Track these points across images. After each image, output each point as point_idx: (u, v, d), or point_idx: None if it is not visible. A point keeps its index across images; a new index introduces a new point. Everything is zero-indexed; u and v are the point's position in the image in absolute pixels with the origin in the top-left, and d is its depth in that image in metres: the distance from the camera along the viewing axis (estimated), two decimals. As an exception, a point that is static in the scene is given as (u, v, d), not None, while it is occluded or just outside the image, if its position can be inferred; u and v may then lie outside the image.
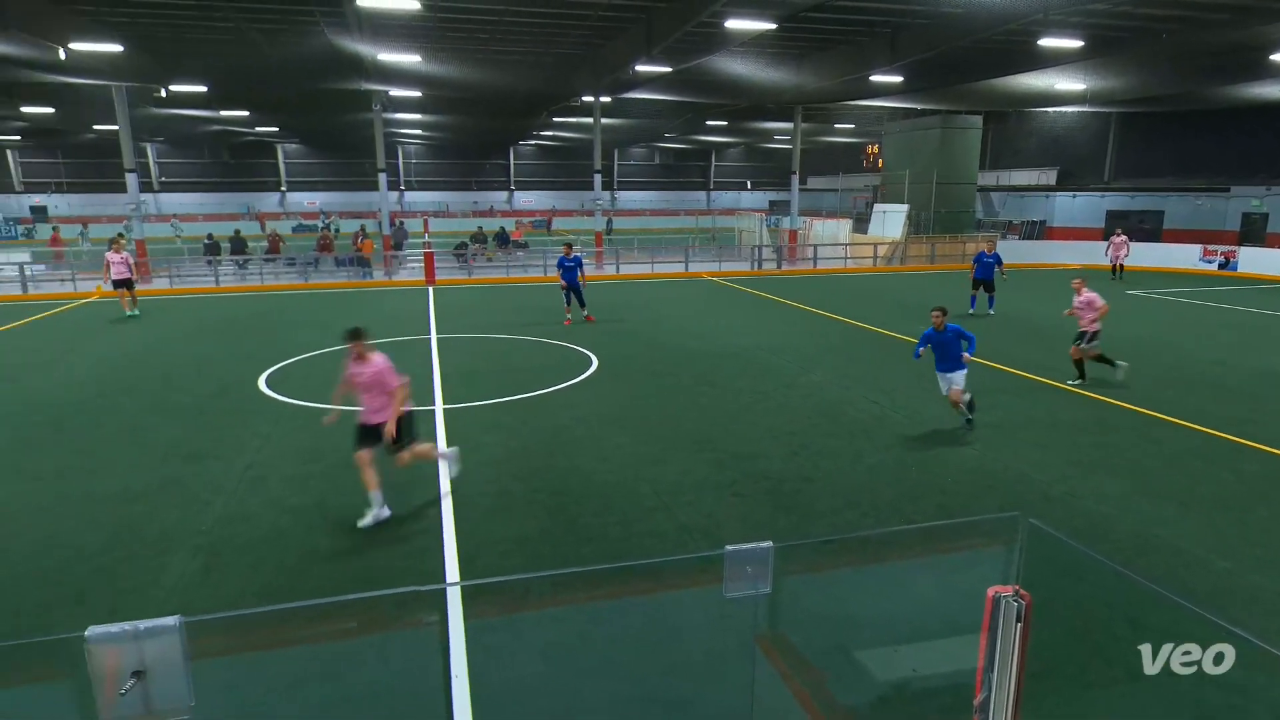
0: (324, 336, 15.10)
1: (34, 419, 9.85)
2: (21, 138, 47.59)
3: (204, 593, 5.58)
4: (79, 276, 23.63)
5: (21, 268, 23.07)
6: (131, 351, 14.17)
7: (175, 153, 56.66)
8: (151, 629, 2.24)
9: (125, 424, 9.65)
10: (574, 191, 62.08)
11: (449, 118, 38.99)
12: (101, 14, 19.13)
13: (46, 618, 5.24)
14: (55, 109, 32.44)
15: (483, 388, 11.28)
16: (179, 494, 7.40)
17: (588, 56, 24.68)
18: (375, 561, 6.10)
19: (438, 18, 19.65)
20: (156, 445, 8.81)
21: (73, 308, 19.93)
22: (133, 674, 2.23)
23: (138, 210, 25.93)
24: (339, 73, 24.43)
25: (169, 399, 10.85)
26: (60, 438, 9.14)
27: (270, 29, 20.91)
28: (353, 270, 26.72)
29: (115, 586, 5.68)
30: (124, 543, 6.38)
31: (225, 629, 3.33)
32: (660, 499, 7.23)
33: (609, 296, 21.32)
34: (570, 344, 14.41)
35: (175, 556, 6.13)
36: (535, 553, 6.21)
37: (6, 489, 7.51)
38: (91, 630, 2.21)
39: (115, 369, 12.76)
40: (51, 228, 36.99)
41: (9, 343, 15.20)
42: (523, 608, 5.61)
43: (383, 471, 6.90)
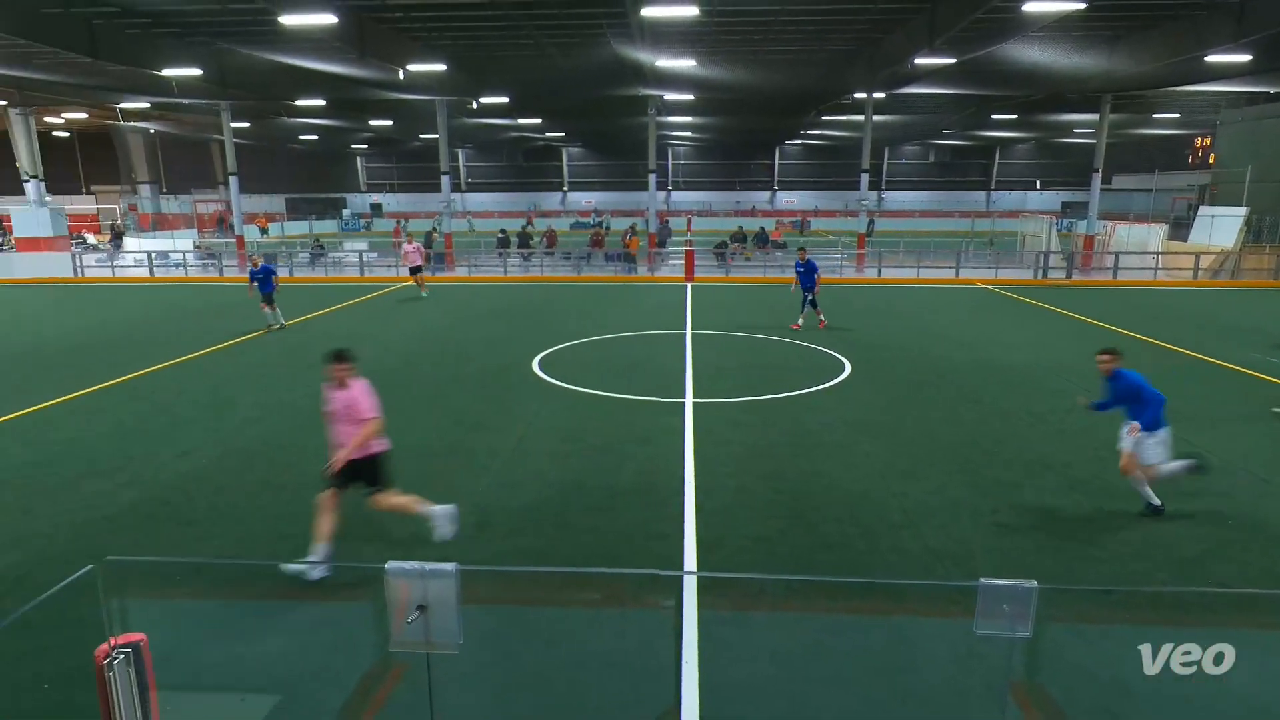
0: (590, 325, 16.34)
1: (368, 380, 11.79)
2: (367, 146, 57.17)
3: (476, 546, 6.30)
4: (402, 264, 27.81)
5: (360, 255, 27.71)
6: (434, 328, 16.37)
7: (480, 157, 64.56)
8: (434, 570, 2.58)
9: (427, 391, 11.19)
10: (838, 191, 60.50)
11: (717, 119, 39.93)
12: (431, 39, 22.28)
13: (359, 550, 6.26)
14: (393, 121, 38.50)
15: (732, 384, 11.44)
16: (464, 457, 8.43)
17: (862, 52, 23.85)
18: (619, 540, 6.46)
19: (714, 22, 20.19)
20: (449, 411, 10.11)
21: (394, 290, 23.49)
22: (418, 607, 2.59)
23: (448, 207, 29.95)
24: (621, 80, 26.09)
25: (461, 371, 12.39)
26: (382, 396, 10.82)
27: (564, 42, 22.90)
28: (619, 265, 28.43)
29: (410, 530, 6.62)
30: (421, 492, 7.40)
31: (490, 580, 3.75)
32: (908, 516, 6.82)
33: (867, 300, 20.49)
34: (823, 347, 14.09)
35: (458, 507, 7.00)
36: (772, 553, 6.18)
37: (338, 437, 9.08)
38: (391, 564, 2.61)
39: (421, 342, 14.84)
40: (396, 221, 43.92)
41: (347, 316, 18.34)
42: (757, 606, 5.62)
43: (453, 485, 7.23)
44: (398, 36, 21.31)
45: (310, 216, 56.47)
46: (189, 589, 5.71)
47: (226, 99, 28.59)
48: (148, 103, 31.18)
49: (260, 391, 11.17)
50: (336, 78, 24.46)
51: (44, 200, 30.41)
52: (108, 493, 7.40)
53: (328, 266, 28.74)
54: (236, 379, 11.96)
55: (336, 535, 5.92)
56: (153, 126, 41.40)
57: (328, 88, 27.10)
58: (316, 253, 29.93)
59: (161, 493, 7.41)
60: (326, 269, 28.47)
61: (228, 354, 13.87)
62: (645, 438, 9.00)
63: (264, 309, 15.85)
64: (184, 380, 11.86)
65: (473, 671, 4.44)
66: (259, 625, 5.24)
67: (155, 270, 27.14)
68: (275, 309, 15.94)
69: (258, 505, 7.15)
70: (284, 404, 10.51)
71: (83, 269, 27.15)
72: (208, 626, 5.25)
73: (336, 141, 52.81)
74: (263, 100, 30.07)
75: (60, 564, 5.98)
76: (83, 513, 6.95)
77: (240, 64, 24.16)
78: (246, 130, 40.94)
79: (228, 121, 30.10)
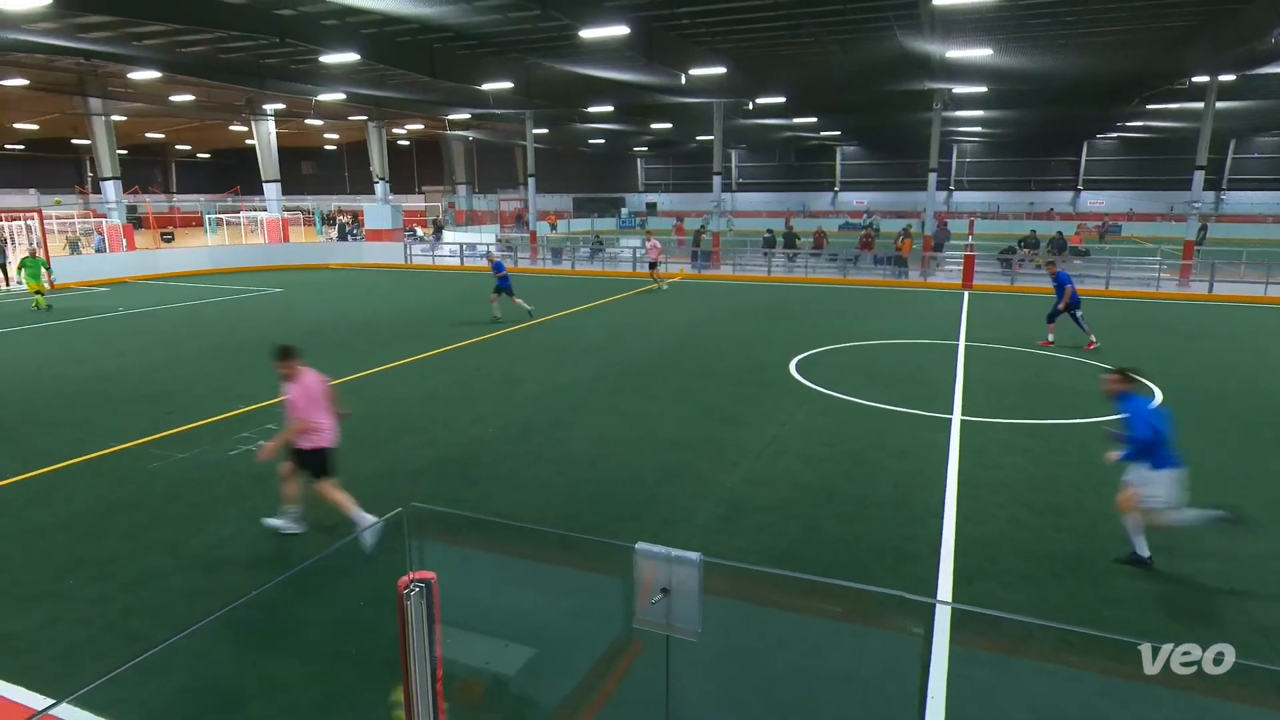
0: (854, 330, 15.80)
1: (629, 370, 12.54)
2: (647, 148, 60.47)
3: (721, 538, 6.41)
4: (673, 261, 29.06)
5: (634, 251, 29.42)
6: (695, 323, 16.88)
7: (752, 157, 65.18)
8: (680, 558, 2.67)
9: (682, 384, 11.59)
10: (1160, 192, 52.00)
11: (1013, 113, 36.31)
12: (714, 42, 22.91)
13: (612, 527, 6.67)
14: (672, 124, 40.29)
15: (1009, 403, 10.40)
16: (714, 450, 8.61)
17: (1205, 28, 20.22)
18: (869, 555, 6.18)
19: (1017, 5, 18.36)
20: (702, 405, 10.38)
21: (655, 286, 24.62)
22: (661, 589, 2.70)
23: (718, 207, 30.71)
24: (906, 74, 24.80)
25: (715, 367, 12.65)
26: (641, 386, 11.46)
27: (846, 38, 22.28)
28: (889, 269, 27.11)
29: (660, 514, 6.91)
30: (671, 480, 7.71)
31: (733, 575, 3.78)
32: (1225, 578, 5.70)
33: (1191, 319, 17.44)
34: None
35: (705, 502, 7.18)
36: (1043, 597, 5.53)
37: (606, 421, 9.74)
38: (640, 545, 2.74)
39: (681, 335, 15.39)
40: (676, 220, 45.85)
41: (619, 308, 19.59)
42: (1019, 652, 5.07)
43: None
44: (682, 42, 22.22)
45: (593, 214, 61.24)
46: (471, 540, 6.50)
47: (531, 108, 31.93)
48: (469, 114, 35.79)
49: (543, 372, 12.34)
50: (624, 84, 26.18)
51: (388, 198, 36.40)
52: (414, 449, 8.66)
53: (604, 261, 30.89)
54: (525, 359, 13.34)
55: (302, 500, 6.45)
56: (471, 134, 47.43)
57: (616, 94, 29.12)
58: (596, 248, 32.32)
59: (454, 454, 8.51)
60: (603, 263, 30.61)
61: (521, 335, 15.53)
62: (903, 451, 8.51)
63: (493, 300, 17.42)
64: (482, 357, 13.49)
65: (709, 661, 4.53)
66: (524, 583, 5.81)
67: (465, 260, 31.13)
68: (514, 299, 17.43)
69: (532, 474, 7.92)
70: (560, 386, 11.50)
71: (410, 257, 31.94)
72: (483, 576, 5.93)
73: (620, 144, 56.56)
74: (560, 108, 33.07)
75: (378, 503, 7.12)
76: (396, 463, 8.21)
77: (544, 76, 26.81)
78: (545, 136, 45.30)
79: (530, 128, 33.63)
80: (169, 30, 20.55)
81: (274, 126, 35.57)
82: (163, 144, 56.83)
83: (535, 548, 6.54)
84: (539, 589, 5.76)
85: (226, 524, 6.73)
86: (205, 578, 5.83)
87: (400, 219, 34.90)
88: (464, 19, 19.56)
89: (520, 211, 50.93)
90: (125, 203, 32.47)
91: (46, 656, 4.82)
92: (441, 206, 51.60)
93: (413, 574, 2.92)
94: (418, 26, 20.46)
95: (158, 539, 6.46)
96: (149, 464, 8.20)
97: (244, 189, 52.03)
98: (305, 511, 6.53)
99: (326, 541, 6.46)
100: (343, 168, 62.79)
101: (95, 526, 6.71)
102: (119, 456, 8.44)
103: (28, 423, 9.67)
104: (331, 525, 6.64)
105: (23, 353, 13.88)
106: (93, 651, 4.88)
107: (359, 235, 38.20)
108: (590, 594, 5.97)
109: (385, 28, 20.55)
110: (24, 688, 2.89)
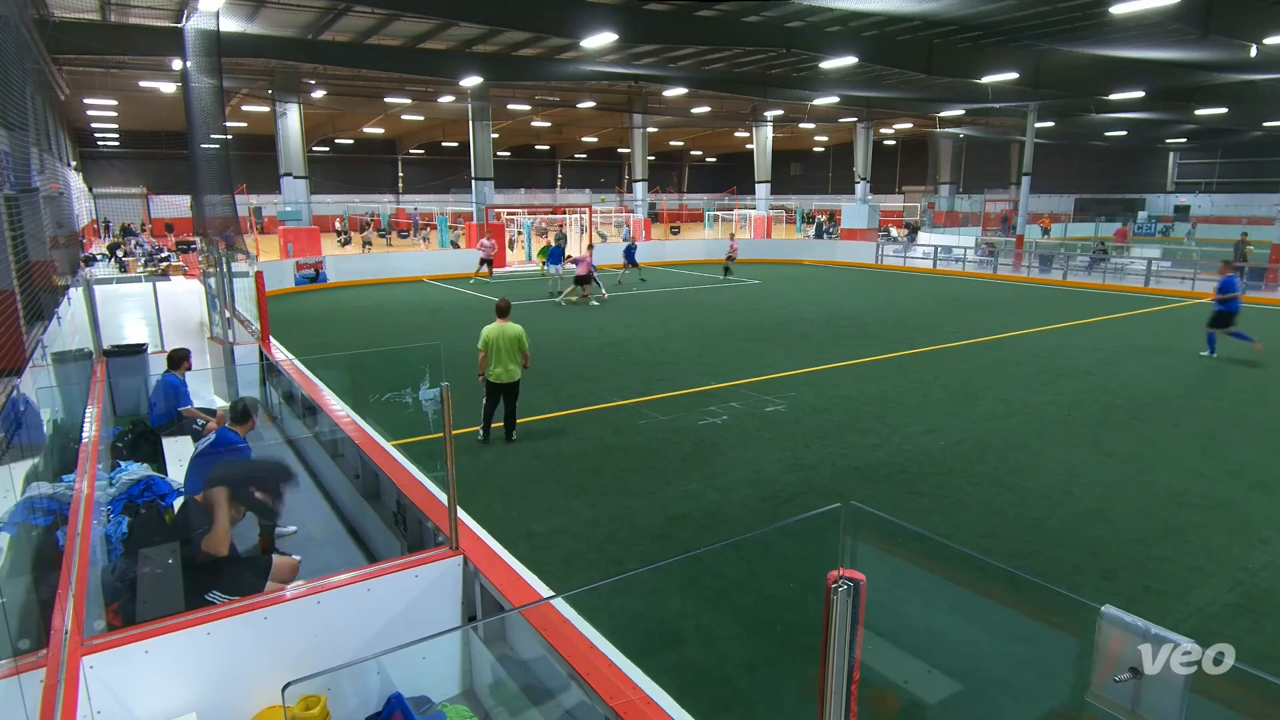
0: None
1: (1121, 400, 10.65)
2: (1185, 140, 49.69)
3: (1224, 630, 5.09)
4: (1199, 276, 23.63)
5: (1149, 263, 24.66)
6: (1228, 360, 13.44)
7: (1352, 146, 48.84)
8: (1160, 637, 2.19)
9: (1201, 429, 9.39)
10: None
11: None
12: (1310, -1, 17.67)
13: (1075, 578, 5.78)
14: (1228, 108, 32.36)
15: None
16: (1234, 517, 6.83)
17: None
18: None
19: None
20: (1226, 460, 8.28)
21: (1181, 307, 20.19)
22: (1130, 669, 2.26)
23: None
24: None
25: (1255, 416, 9.94)
26: (1137, 422, 9.63)
27: None
28: None
29: (1141, 578, 5.76)
30: (1164, 543, 6.35)
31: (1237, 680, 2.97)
32: None
33: None
34: None
35: (1209, 580, 5.76)
36: None
37: (1082, 456, 8.45)
38: (1107, 609, 2.32)
39: (1207, 371, 12.43)
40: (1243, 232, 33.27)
41: (1117, 328, 16.66)
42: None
43: None
44: (1256, 4, 17.64)
45: (1099, 218, 52.81)
46: (906, 552, 6.28)
47: (1036, 99, 28.86)
48: (963, 109, 33.90)
49: (1008, 389, 11.23)
50: (1161, 64, 21.91)
51: (866, 198, 36.77)
52: (861, 448, 8.66)
53: (1106, 273, 26.55)
54: (988, 372, 12.30)
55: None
56: (962, 131, 44.91)
57: (1148, 76, 24.52)
58: (1098, 256, 27.96)
59: (900, 460, 8.27)
60: (1104, 275, 26.35)
61: (984, 347, 14.35)
62: None
63: (551, 273, 19.88)
64: (941, 365, 12.83)
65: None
66: (959, 612, 5.41)
67: (938, 264, 29.80)
68: (587, 286, 19.40)
69: (982, 496, 7.29)
70: (1028, 406, 10.34)
71: (882, 257, 31.76)
72: (914, 593, 5.69)
73: (1147, 136, 47.48)
74: (1072, 97, 29.20)
75: (818, 494, 7.33)
76: (841, 459, 8.33)
77: (1056, 62, 23.91)
78: (1048, 130, 40.57)
79: (1032, 122, 30.41)
80: (697, 51, 23.90)
81: (771, 131, 38.60)
82: (680, 150, 66.34)
83: (976, 577, 6.04)
84: (975, 624, 5.31)
85: (690, 483, 7.65)
86: (668, 525, 6.73)
87: (877, 219, 34.89)
88: (970, 9, 18.52)
89: (1007, 214, 46.68)
90: (649, 201, 38.75)
91: (554, 556, 6.13)
92: (920, 206, 50.12)
93: (843, 570, 2.95)
94: (919, 23, 20.04)
95: (636, 484, 7.66)
96: (638, 420, 9.74)
97: (739, 189, 57.79)
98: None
99: (769, 519, 6.90)
100: (827, 168, 65.21)
101: (596, 463, 8.24)
102: (619, 410, 10.21)
103: (563, 373, 12.28)
104: (775, 505, 7.06)
105: (560, 323, 17.62)
106: (583, 563, 6.04)
107: (834, 234, 39.36)
108: (1035, 644, 5.29)
109: (885, 28, 20.61)
110: (537, 576, 3.76)
